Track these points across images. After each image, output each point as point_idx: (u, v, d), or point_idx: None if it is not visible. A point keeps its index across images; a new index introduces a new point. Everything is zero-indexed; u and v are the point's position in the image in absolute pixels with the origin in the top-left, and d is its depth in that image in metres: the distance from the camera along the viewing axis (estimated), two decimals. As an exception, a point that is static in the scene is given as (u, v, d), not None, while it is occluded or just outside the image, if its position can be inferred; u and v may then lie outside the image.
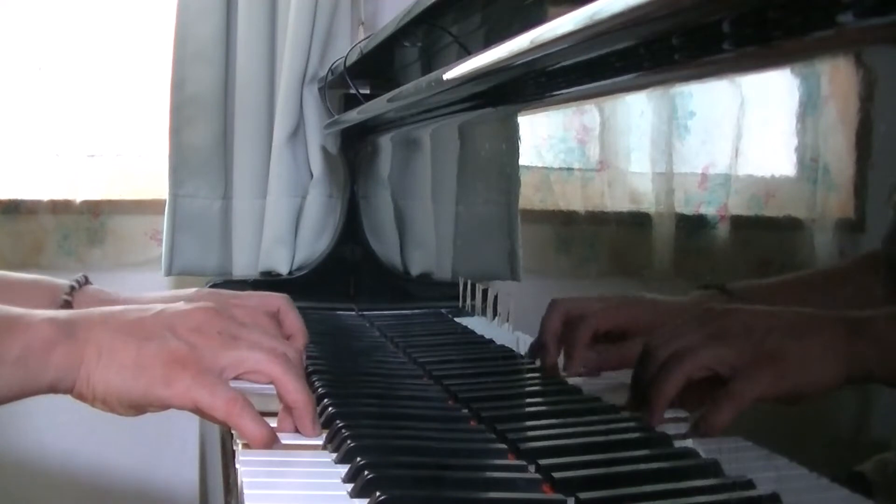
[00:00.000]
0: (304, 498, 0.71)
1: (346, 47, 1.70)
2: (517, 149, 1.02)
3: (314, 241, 1.79)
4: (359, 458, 0.74)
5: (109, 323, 0.83)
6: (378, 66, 1.61)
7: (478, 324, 1.15)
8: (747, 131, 0.61)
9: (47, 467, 1.94)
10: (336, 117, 1.68)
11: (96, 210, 1.93)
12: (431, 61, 1.58)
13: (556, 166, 0.93)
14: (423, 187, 1.40)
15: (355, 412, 0.88)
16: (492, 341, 1.09)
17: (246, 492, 0.70)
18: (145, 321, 0.83)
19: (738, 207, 0.63)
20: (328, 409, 0.88)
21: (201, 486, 1.94)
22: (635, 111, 0.77)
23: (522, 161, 1.01)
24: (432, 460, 0.77)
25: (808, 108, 0.55)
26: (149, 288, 1.83)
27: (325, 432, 0.84)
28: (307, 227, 1.79)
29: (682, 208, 0.69)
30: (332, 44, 1.78)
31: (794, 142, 0.56)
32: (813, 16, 0.49)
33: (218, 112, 1.80)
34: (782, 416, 0.58)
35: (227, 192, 1.82)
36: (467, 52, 1.26)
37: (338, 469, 0.76)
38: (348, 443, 0.78)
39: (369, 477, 0.70)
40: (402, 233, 1.52)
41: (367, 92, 1.66)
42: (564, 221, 0.92)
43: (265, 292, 1.16)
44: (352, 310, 1.59)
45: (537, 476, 0.73)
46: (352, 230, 1.72)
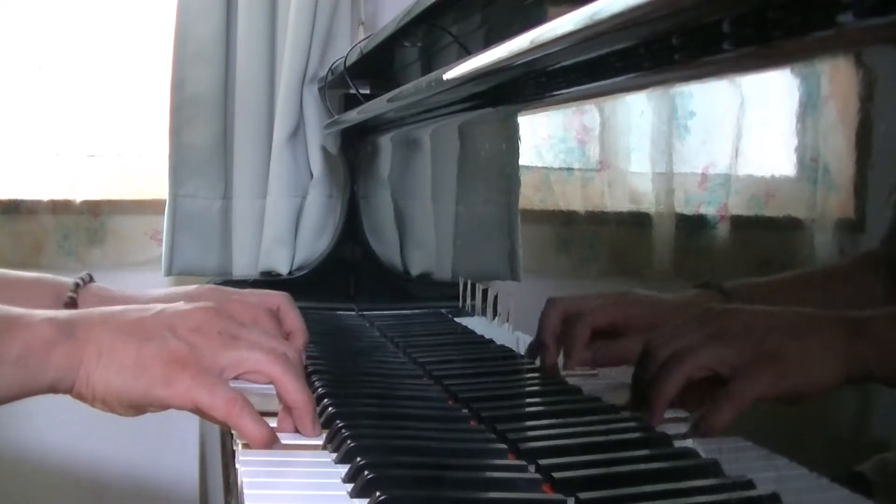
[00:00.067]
0: (304, 498, 0.71)
1: (346, 47, 1.70)
2: (517, 149, 1.02)
3: (314, 241, 1.79)
4: (359, 458, 0.74)
5: (109, 323, 0.83)
6: (378, 66, 1.61)
7: (478, 324, 1.15)
8: (747, 131, 0.61)
9: (47, 467, 1.93)
10: (336, 117, 1.68)
11: (96, 210, 1.93)
12: (431, 61, 1.58)
13: (556, 166, 0.93)
14: (423, 187, 1.40)
15: (355, 412, 0.88)
16: (492, 341, 1.09)
17: (246, 492, 0.70)
18: (145, 321, 0.83)
19: (738, 207, 0.63)
20: (328, 409, 0.88)
21: (201, 486, 1.94)
22: (635, 111, 0.77)
23: (522, 161, 1.01)
24: (432, 460, 0.77)
25: (808, 108, 0.55)
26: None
27: (325, 432, 0.84)
28: (307, 227, 1.79)
29: (682, 208, 0.69)
30: (332, 44, 1.78)
31: (794, 142, 0.56)
32: (813, 16, 0.49)
33: (218, 112, 1.80)
34: (782, 416, 0.58)
35: (227, 192, 1.82)
36: (467, 52, 1.26)
37: (338, 469, 0.76)
38: (348, 443, 0.78)
39: (369, 477, 0.70)
40: (402, 233, 1.52)
41: (367, 92, 1.66)
42: (564, 221, 0.92)
43: (264, 290, 1.16)
44: (352, 310, 1.59)
45: (537, 476, 0.73)
46: (352, 230, 1.72)
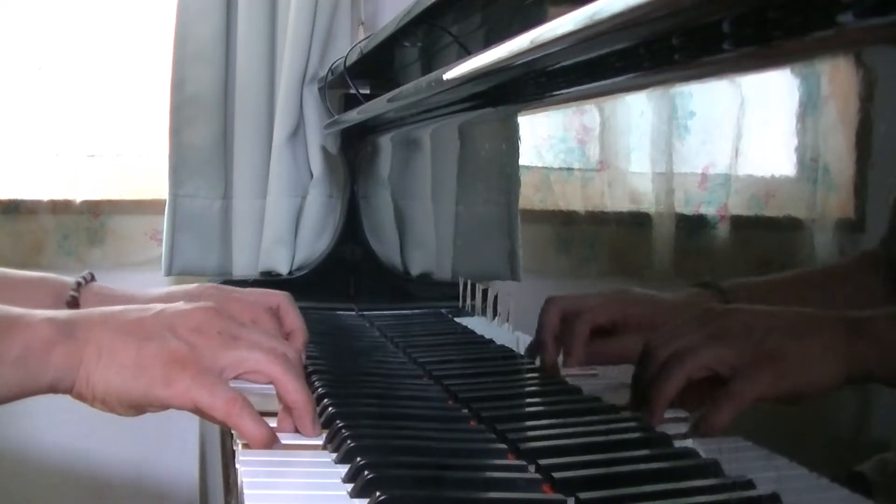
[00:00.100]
0: (304, 498, 0.71)
1: (346, 47, 1.70)
2: (517, 149, 1.02)
3: (314, 241, 1.79)
4: (359, 458, 0.74)
5: (109, 323, 0.82)
6: (378, 66, 1.61)
7: (478, 324, 1.15)
8: (747, 131, 0.61)
9: (47, 467, 1.93)
10: (336, 117, 1.68)
11: (96, 210, 1.93)
12: (431, 61, 1.58)
13: (556, 166, 0.93)
14: (423, 187, 1.40)
15: (355, 412, 0.88)
16: (492, 341, 1.09)
17: (246, 492, 0.70)
18: (145, 321, 0.83)
19: (738, 207, 0.63)
20: (328, 409, 0.88)
21: (201, 486, 1.93)
22: (635, 111, 0.77)
23: (522, 161, 1.01)
24: (432, 460, 0.77)
25: (808, 108, 0.55)
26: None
27: (325, 432, 0.84)
28: (307, 227, 1.79)
29: (682, 208, 0.69)
30: (332, 44, 1.78)
31: (794, 142, 0.56)
32: (813, 16, 0.49)
33: (218, 112, 1.80)
34: (782, 416, 0.58)
35: (227, 192, 1.82)
36: (467, 52, 1.26)
37: (338, 469, 0.76)
38: (348, 443, 0.78)
39: (369, 477, 0.70)
40: (402, 233, 1.52)
41: (367, 92, 1.66)
42: (564, 221, 0.92)
43: (266, 289, 1.16)
44: (352, 310, 1.59)
45: (537, 476, 0.73)
46: (352, 230, 1.72)
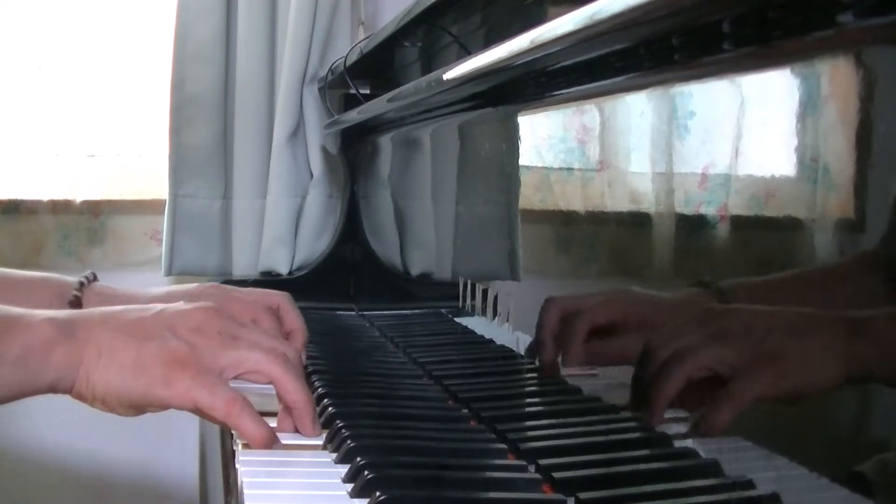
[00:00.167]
0: (304, 498, 0.71)
1: (346, 47, 1.70)
2: (517, 149, 1.02)
3: (314, 241, 1.79)
4: (359, 458, 0.74)
5: (109, 323, 0.82)
6: (378, 66, 1.61)
7: (478, 324, 1.15)
8: (747, 131, 0.61)
9: (47, 467, 1.94)
10: (336, 117, 1.68)
11: (96, 210, 1.93)
12: (431, 61, 1.58)
13: (556, 166, 0.93)
14: (423, 187, 1.40)
15: (355, 412, 0.88)
16: (492, 341, 1.09)
17: (246, 492, 0.70)
18: (145, 321, 0.83)
19: (738, 207, 0.63)
20: (328, 409, 0.88)
21: (201, 486, 1.94)
22: (635, 111, 0.77)
23: (522, 161, 1.01)
24: (432, 460, 0.77)
25: (808, 108, 0.55)
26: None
27: (325, 432, 0.84)
28: (307, 227, 1.79)
29: (682, 208, 0.69)
30: (332, 44, 1.78)
31: (794, 142, 0.56)
32: (813, 16, 0.49)
33: (218, 112, 1.80)
34: (782, 416, 0.58)
35: (227, 192, 1.82)
36: (467, 52, 1.26)
37: (338, 469, 0.76)
38: (348, 443, 0.78)
39: (369, 477, 0.70)
40: (402, 233, 1.52)
41: (367, 92, 1.66)
42: (564, 221, 0.92)
43: (266, 289, 1.16)
44: (352, 310, 1.59)
45: (537, 476, 0.73)
46: (352, 230, 1.72)
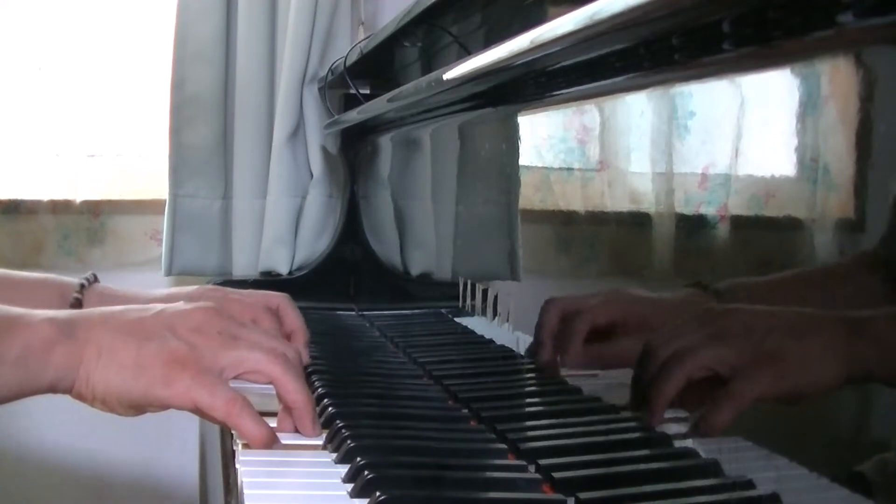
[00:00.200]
0: (304, 498, 0.71)
1: (346, 47, 1.70)
2: (517, 149, 1.02)
3: (314, 241, 1.79)
4: (359, 458, 0.74)
5: (109, 323, 0.82)
6: (378, 66, 1.61)
7: (478, 324, 1.15)
8: (747, 131, 0.61)
9: (47, 467, 1.94)
10: (336, 117, 1.68)
11: (96, 210, 1.93)
12: (431, 61, 1.58)
13: (556, 166, 0.93)
14: (423, 187, 1.40)
15: (355, 412, 0.88)
16: (492, 341, 1.09)
17: (246, 492, 0.70)
18: (145, 321, 0.83)
19: (738, 207, 0.63)
20: (328, 409, 0.88)
21: (201, 486, 1.94)
22: (635, 111, 0.77)
23: (522, 161, 1.01)
24: (432, 460, 0.77)
25: (808, 108, 0.55)
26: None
27: (325, 432, 0.84)
28: (307, 227, 1.79)
29: (682, 208, 0.69)
30: (332, 44, 1.78)
31: (794, 142, 0.56)
32: (813, 16, 0.49)
33: (218, 112, 1.80)
34: (782, 416, 0.58)
35: (227, 192, 1.82)
36: (467, 52, 1.26)
37: (338, 469, 0.76)
38: (348, 443, 0.78)
39: (369, 477, 0.70)
40: (402, 233, 1.52)
41: (367, 92, 1.66)
42: (564, 221, 0.92)
43: (264, 291, 1.16)
44: (352, 310, 1.59)
45: (537, 476, 0.73)
46: (352, 230, 1.72)
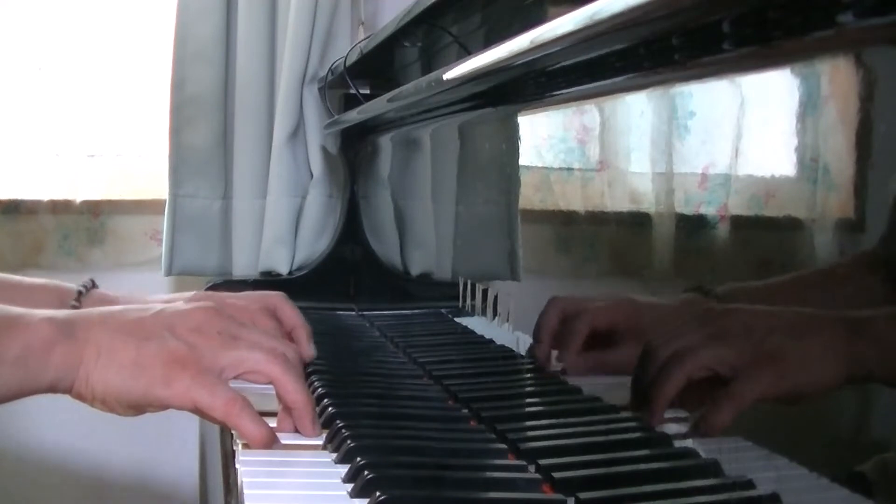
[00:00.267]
0: (304, 498, 0.71)
1: (346, 47, 1.70)
2: (517, 149, 1.02)
3: (314, 241, 1.79)
4: (359, 458, 0.74)
5: (109, 323, 0.82)
6: (378, 66, 1.61)
7: (478, 324, 1.15)
8: (747, 131, 0.61)
9: (47, 467, 1.94)
10: (336, 117, 1.68)
11: (96, 210, 1.93)
12: (431, 61, 1.58)
13: (556, 166, 0.93)
14: (423, 187, 1.40)
15: (355, 412, 0.88)
16: (492, 341, 1.09)
17: (246, 492, 0.70)
18: (145, 321, 0.83)
19: (738, 207, 0.63)
20: (328, 409, 0.88)
21: (201, 486, 1.94)
22: (635, 111, 0.77)
23: (522, 161, 1.01)
24: (432, 460, 0.77)
25: (808, 108, 0.55)
26: (149, 288, 1.85)
27: (325, 432, 0.84)
28: (307, 227, 1.79)
29: (682, 208, 0.69)
30: (332, 44, 1.78)
31: (794, 142, 0.56)
32: (813, 16, 0.49)
33: (218, 112, 1.80)
34: (782, 416, 0.58)
35: (227, 192, 1.82)
36: (467, 52, 1.26)
37: (338, 469, 0.76)
38: (348, 443, 0.78)
39: (369, 477, 0.70)
40: (402, 233, 1.52)
41: (367, 92, 1.66)
42: (564, 221, 0.92)
43: (260, 292, 1.15)
44: (352, 310, 1.59)
45: (537, 476, 0.73)
46: (352, 230, 1.72)
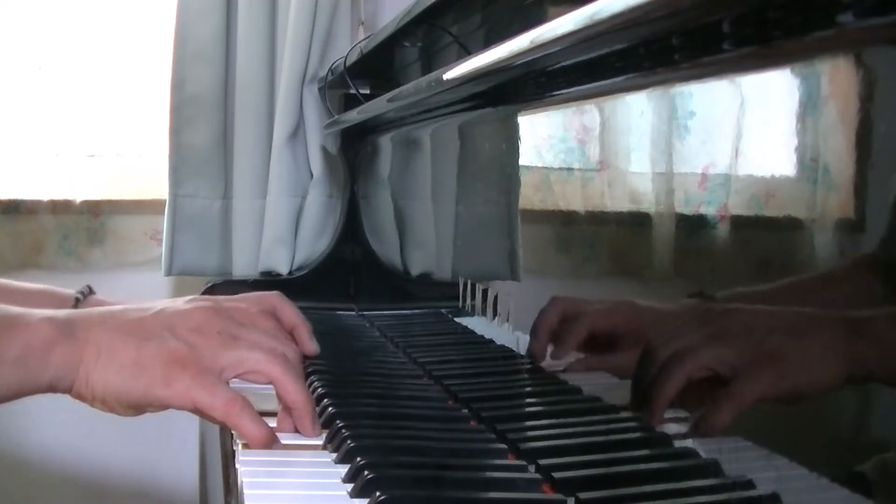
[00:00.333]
0: (304, 498, 0.71)
1: (346, 47, 1.70)
2: (517, 149, 1.02)
3: (314, 241, 1.79)
4: (359, 458, 0.74)
5: (109, 323, 0.83)
6: (378, 66, 1.61)
7: (478, 324, 1.15)
8: (747, 131, 0.61)
9: (47, 467, 1.94)
10: (336, 117, 1.68)
11: (96, 210, 1.93)
12: (431, 61, 1.58)
13: (556, 166, 0.93)
14: (423, 187, 1.40)
15: (355, 412, 0.88)
16: (492, 341, 1.09)
17: (246, 492, 0.70)
18: (145, 321, 0.83)
19: (738, 207, 0.63)
20: (328, 409, 0.88)
21: (201, 486, 1.94)
22: (635, 111, 0.77)
23: (522, 161, 1.01)
24: (432, 460, 0.77)
25: (808, 108, 0.55)
26: (149, 288, 1.85)
27: (325, 432, 0.84)
28: (307, 227, 1.79)
29: (682, 208, 0.69)
30: (332, 44, 1.78)
31: (794, 142, 0.56)
32: (813, 16, 0.49)
33: (218, 112, 1.80)
34: (782, 416, 0.58)
35: (227, 192, 1.82)
36: (467, 52, 1.26)
37: (338, 469, 0.76)
38: (348, 443, 0.78)
39: (369, 477, 0.70)
40: (402, 233, 1.52)
41: (367, 92, 1.66)
42: (564, 221, 0.92)
43: (257, 292, 1.14)
44: (352, 310, 1.59)
45: (537, 476, 0.73)
46: (352, 230, 1.72)
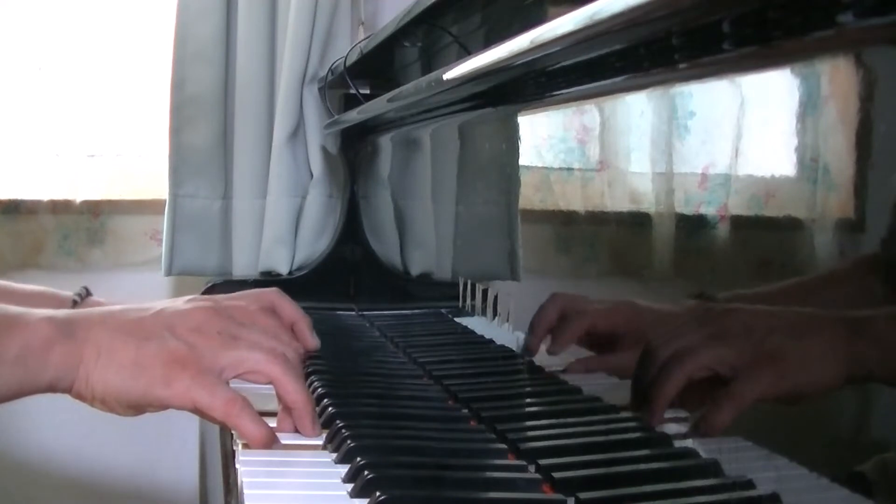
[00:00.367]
0: (304, 498, 0.71)
1: (346, 47, 1.70)
2: (517, 149, 1.02)
3: (314, 241, 1.79)
4: (359, 458, 0.74)
5: (108, 323, 0.83)
6: (378, 66, 1.61)
7: (478, 324, 1.15)
8: (747, 131, 0.61)
9: (47, 467, 1.93)
10: (336, 117, 1.68)
11: (96, 210, 1.93)
12: (431, 61, 1.58)
13: (556, 166, 0.93)
14: (423, 187, 1.40)
15: (355, 412, 0.88)
16: (492, 341, 1.09)
17: (246, 492, 0.70)
18: (145, 321, 0.83)
19: (738, 207, 0.63)
20: (328, 409, 0.88)
21: (201, 486, 1.94)
22: (635, 111, 0.77)
23: (522, 161, 1.01)
24: (432, 460, 0.77)
25: (808, 108, 0.55)
26: (149, 288, 1.85)
27: (325, 432, 0.84)
28: (307, 227, 1.79)
29: (682, 208, 0.69)
30: (332, 44, 1.78)
31: (794, 142, 0.56)
32: (813, 16, 0.49)
33: (218, 112, 1.80)
34: (782, 416, 0.58)
35: (227, 192, 1.82)
36: (467, 52, 1.26)
37: (338, 469, 0.76)
38: (348, 443, 0.78)
39: (369, 477, 0.70)
40: (402, 233, 1.52)
41: (367, 92, 1.66)
42: (564, 221, 0.92)
43: (255, 290, 1.13)
44: (352, 310, 1.59)
45: (537, 476, 0.73)
46: (352, 230, 1.72)
